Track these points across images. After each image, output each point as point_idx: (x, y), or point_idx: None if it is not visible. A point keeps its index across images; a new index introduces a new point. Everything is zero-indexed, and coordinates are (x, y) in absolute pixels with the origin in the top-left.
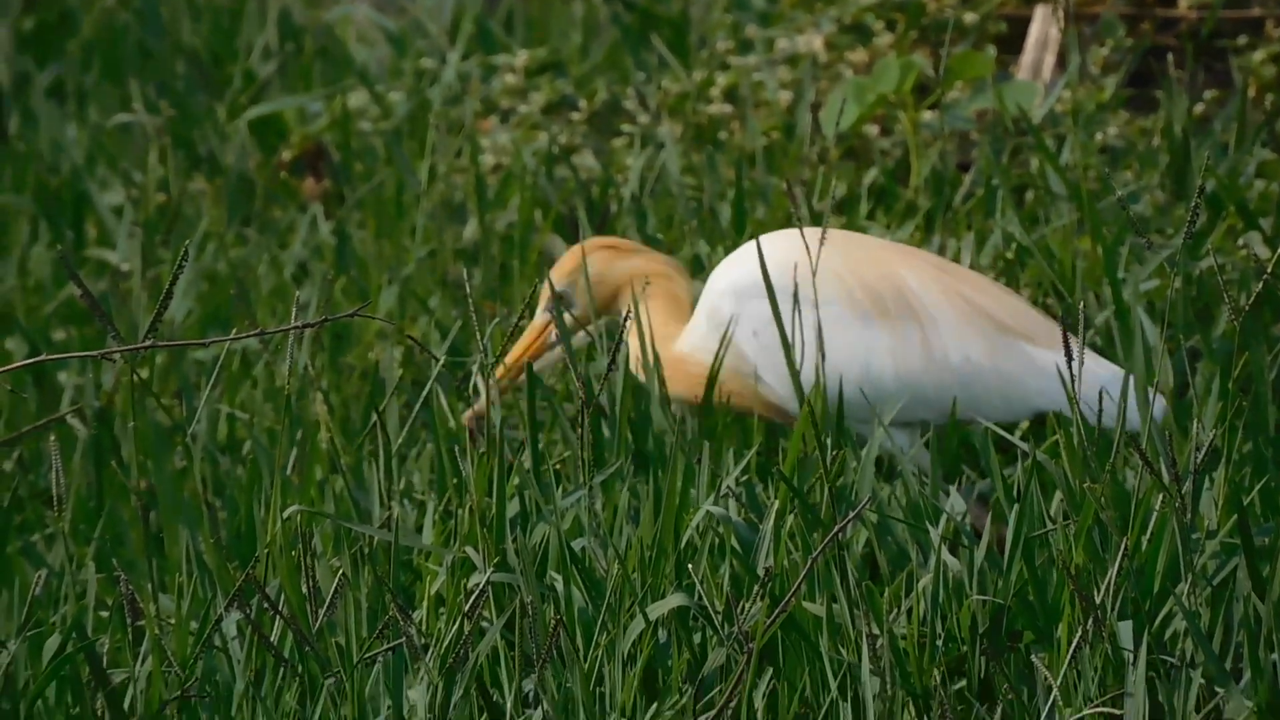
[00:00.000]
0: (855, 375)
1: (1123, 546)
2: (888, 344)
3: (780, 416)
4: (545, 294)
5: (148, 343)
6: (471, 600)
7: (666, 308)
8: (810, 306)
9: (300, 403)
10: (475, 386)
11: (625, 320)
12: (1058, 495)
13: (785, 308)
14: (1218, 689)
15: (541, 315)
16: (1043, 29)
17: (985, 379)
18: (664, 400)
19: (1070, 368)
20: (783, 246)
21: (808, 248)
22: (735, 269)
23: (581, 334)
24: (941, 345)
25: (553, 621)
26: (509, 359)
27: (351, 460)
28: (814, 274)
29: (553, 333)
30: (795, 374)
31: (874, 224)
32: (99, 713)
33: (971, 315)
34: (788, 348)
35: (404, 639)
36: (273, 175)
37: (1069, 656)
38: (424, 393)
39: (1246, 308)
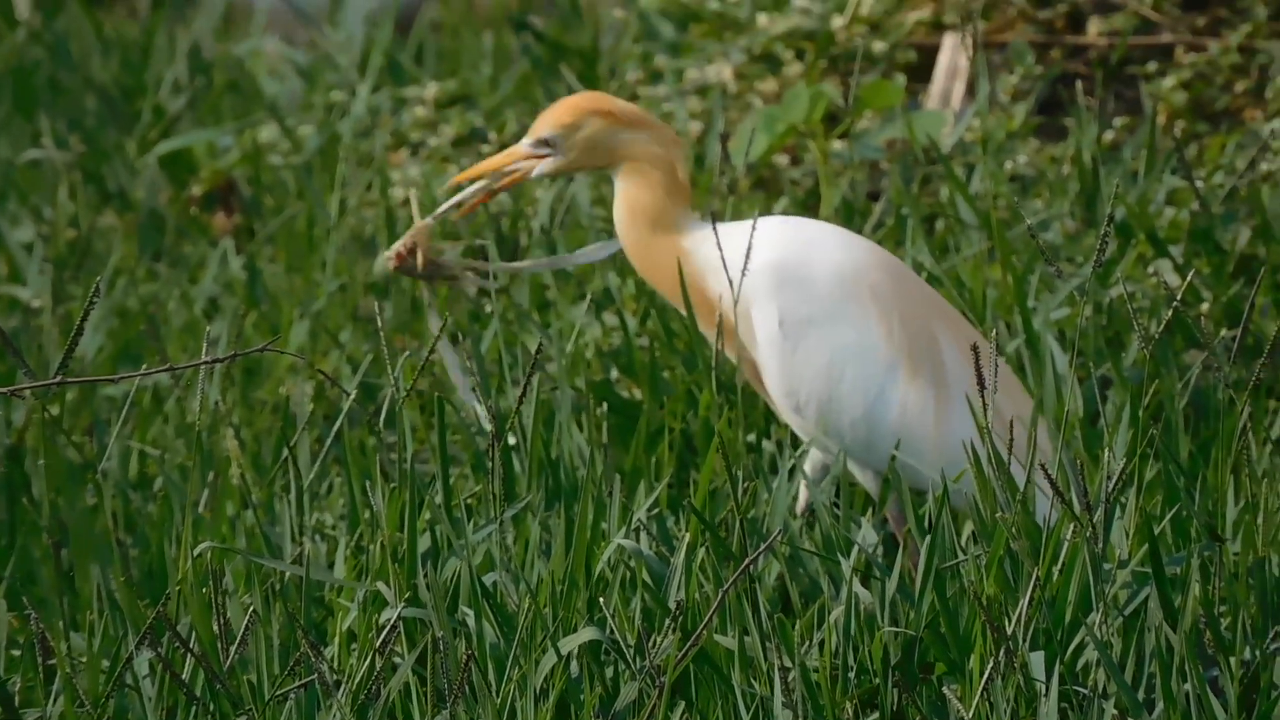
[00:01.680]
0: (856, 415)
1: (1034, 576)
2: (902, 401)
3: (755, 386)
4: (534, 131)
5: (58, 379)
6: (383, 636)
7: (666, 183)
8: (846, 325)
9: (212, 438)
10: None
11: (537, 353)
12: (969, 525)
13: (830, 316)
14: None
15: (521, 146)
16: (952, 57)
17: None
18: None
19: (982, 396)
20: (837, 246)
21: (862, 263)
22: (785, 250)
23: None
24: (951, 429)
25: (465, 656)
26: (471, 171)
27: (263, 496)
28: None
29: (519, 167)
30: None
31: None
32: None
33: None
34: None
35: (316, 675)
36: (183, 210)
37: (981, 688)
38: (335, 427)
39: (1157, 335)
